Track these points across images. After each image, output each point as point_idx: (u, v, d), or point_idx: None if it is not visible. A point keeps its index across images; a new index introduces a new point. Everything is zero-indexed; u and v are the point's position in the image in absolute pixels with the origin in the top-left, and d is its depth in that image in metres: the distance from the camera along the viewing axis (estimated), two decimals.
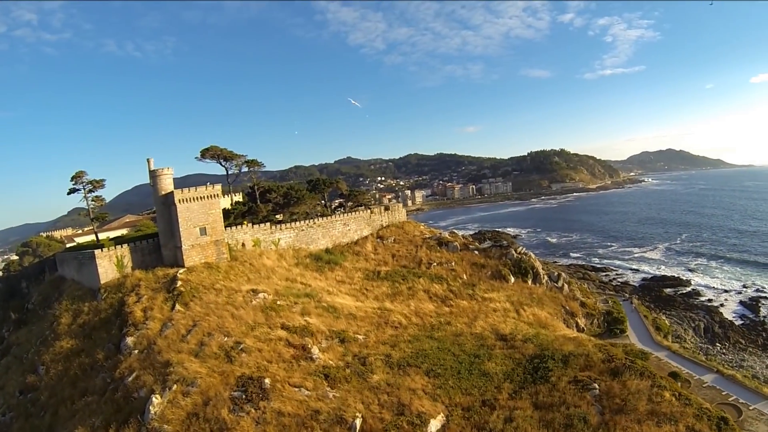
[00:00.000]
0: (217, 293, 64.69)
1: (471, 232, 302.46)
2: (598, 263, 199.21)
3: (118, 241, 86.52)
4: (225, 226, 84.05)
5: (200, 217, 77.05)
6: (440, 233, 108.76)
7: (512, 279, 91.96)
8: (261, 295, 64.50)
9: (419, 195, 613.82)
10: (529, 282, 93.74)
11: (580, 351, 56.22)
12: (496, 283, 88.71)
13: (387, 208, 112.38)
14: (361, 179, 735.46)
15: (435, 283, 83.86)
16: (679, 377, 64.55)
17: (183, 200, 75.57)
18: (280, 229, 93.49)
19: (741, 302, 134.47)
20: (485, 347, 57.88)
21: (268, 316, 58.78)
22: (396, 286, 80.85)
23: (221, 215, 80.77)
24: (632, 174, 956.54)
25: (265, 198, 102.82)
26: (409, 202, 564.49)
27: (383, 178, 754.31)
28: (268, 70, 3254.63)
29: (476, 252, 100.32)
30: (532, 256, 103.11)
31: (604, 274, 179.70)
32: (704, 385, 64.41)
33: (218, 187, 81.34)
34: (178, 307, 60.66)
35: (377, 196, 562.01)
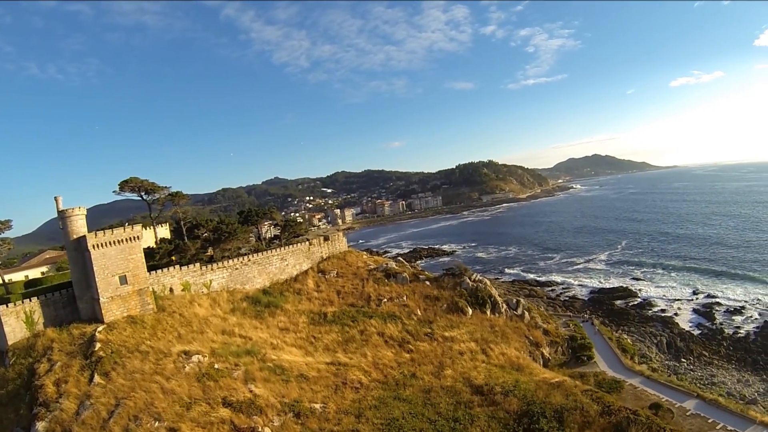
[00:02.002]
0: (143, 358, 55.55)
1: (406, 251, 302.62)
2: (542, 278, 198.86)
3: (28, 289, 75.95)
4: (150, 268, 75.49)
5: (119, 263, 68.26)
6: (386, 263, 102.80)
7: (470, 311, 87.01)
8: (195, 357, 55.89)
9: (349, 213, 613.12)
10: (488, 313, 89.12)
11: (571, 403, 51.40)
12: (454, 318, 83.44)
13: (327, 239, 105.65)
14: (289, 199, 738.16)
15: (389, 323, 77.58)
16: (661, 408, 62.17)
17: (98, 245, 66.46)
18: (212, 269, 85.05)
19: (694, 310, 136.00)
20: (462, 406, 51.99)
21: (205, 388, 50.37)
22: (346, 330, 74.04)
23: (143, 260, 71.59)
24: (560, 181, 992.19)
25: (193, 234, 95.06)
26: (340, 221, 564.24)
27: (311, 198, 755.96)
28: (194, 92, 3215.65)
29: (428, 283, 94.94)
30: (488, 282, 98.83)
31: (549, 289, 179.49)
32: (688, 414, 62.42)
33: (138, 227, 72.43)
34: (97, 378, 51.90)
35: (306, 216, 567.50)
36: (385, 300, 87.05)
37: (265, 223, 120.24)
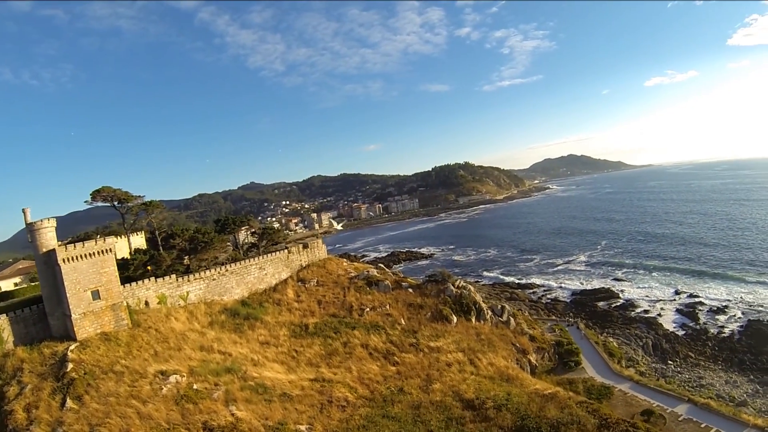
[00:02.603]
0: (117, 379, 52.44)
1: (384, 255, 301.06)
2: (522, 280, 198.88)
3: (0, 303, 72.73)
4: (124, 281, 72.71)
5: (91, 277, 65.18)
6: (367, 270, 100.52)
7: (455, 319, 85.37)
8: (172, 378, 53.08)
9: (326, 217, 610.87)
10: (473, 320, 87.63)
11: (567, 416, 49.86)
12: (438, 326, 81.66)
13: (306, 246, 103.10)
14: (265, 204, 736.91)
15: (372, 334, 75.38)
16: (653, 414, 61.68)
17: (69, 259, 63.42)
18: (189, 280, 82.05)
19: (678, 310, 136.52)
20: (454, 422, 50.14)
21: (184, 411, 47.64)
22: (329, 343, 71.63)
23: (116, 273, 68.46)
24: (536, 182, 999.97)
25: (168, 244, 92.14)
26: (316, 225, 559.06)
27: (288, 202, 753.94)
28: (169, 97, 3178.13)
29: (410, 290, 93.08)
30: (472, 289, 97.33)
31: (531, 291, 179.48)
32: (680, 419, 61.87)
33: (110, 240, 69.51)
34: (69, 402, 48.84)
35: (283, 221, 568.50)
36: (368, 309, 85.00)
37: (243, 230, 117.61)
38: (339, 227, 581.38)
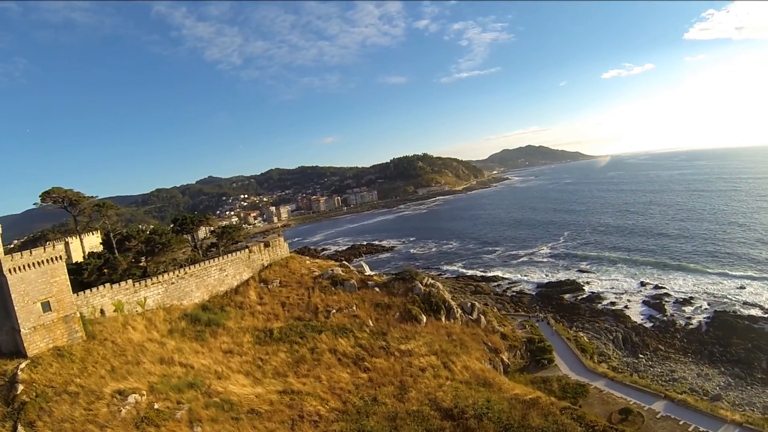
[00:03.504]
0: (72, 401, 47.35)
1: (344, 248, 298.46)
2: (486, 273, 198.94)
3: None
4: (78, 288, 67.46)
5: (41, 288, 59.44)
6: (332, 269, 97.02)
7: (424, 319, 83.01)
8: (131, 397, 48.54)
9: (284, 210, 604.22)
10: (443, 319, 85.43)
11: (552, 425, 48.02)
12: (408, 327, 79.11)
13: (267, 245, 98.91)
14: (224, 198, 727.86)
15: (340, 337, 72.23)
16: (631, 412, 61.30)
17: (15, 269, 57.56)
18: (146, 285, 76.84)
19: (644, 302, 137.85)
20: None
21: None
22: (296, 349, 68.10)
23: (68, 282, 63.03)
24: (495, 172, 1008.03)
25: (124, 246, 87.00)
26: (275, 219, 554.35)
27: (246, 196, 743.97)
28: (125, 91, 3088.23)
29: (377, 289, 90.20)
30: (440, 286, 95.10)
31: (495, 284, 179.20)
32: (658, 416, 61.13)
33: (60, 247, 63.84)
34: (21, 430, 44.05)
35: (242, 215, 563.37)
36: (334, 311, 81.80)
37: (202, 228, 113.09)
38: (284, 217, 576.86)
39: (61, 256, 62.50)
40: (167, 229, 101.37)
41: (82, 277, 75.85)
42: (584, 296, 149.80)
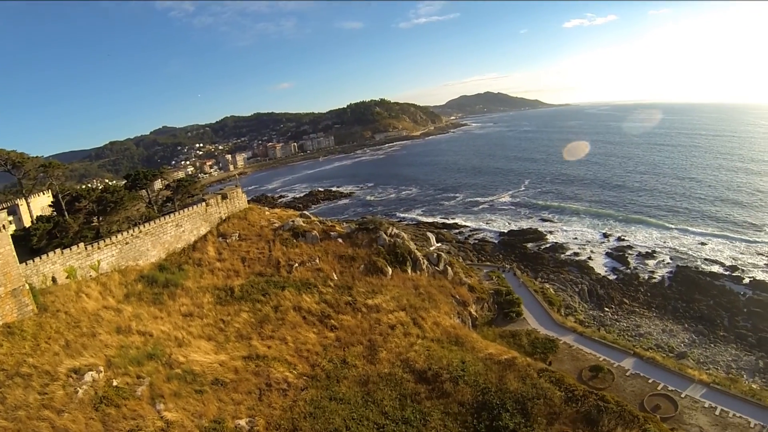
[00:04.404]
0: (26, 384, 41.99)
1: (301, 194, 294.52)
2: (447, 220, 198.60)
3: None
4: (28, 255, 61.61)
5: None
6: (292, 220, 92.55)
7: (390, 271, 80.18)
8: (88, 375, 43.76)
9: (240, 158, 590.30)
10: (409, 271, 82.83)
11: (530, 389, 46.12)
12: (374, 280, 76.20)
13: (225, 197, 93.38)
14: (179, 148, 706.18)
15: (304, 293, 68.83)
16: (601, 370, 61.59)
17: None
18: (99, 247, 70.67)
19: (607, 254, 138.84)
20: (409, 400, 45.01)
21: (105, 418, 38.85)
22: (258, 308, 64.24)
23: (14, 253, 56.55)
24: (453, 118, 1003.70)
25: (74, 207, 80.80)
26: (231, 167, 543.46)
27: (201, 145, 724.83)
28: (73, 42, 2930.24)
29: (340, 240, 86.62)
30: (405, 236, 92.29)
31: (457, 231, 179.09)
32: (628, 374, 61.25)
33: (2, 215, 57.94)
34: None
35: (197, 164, 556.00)
36: (296, 265, 77.90)
37: (158, 182, 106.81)
38: (240, 165, 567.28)
39: (4, 226, 56.41)
40: (119, 186, 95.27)
41: (31, 243, 70.17)
42: (547, 246, 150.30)
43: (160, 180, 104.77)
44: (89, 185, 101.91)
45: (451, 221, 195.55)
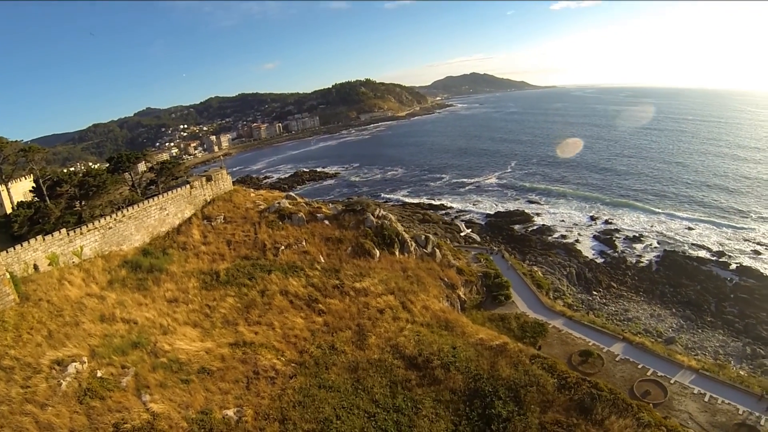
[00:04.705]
0: (8, 378, 40.00)
1: (286, 175, 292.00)
2: (434, 201, 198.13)
3: None
4: (9, 242, 60.25)
5: None
6: (278, 201, 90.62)
7: (378, 253, 78.94)
8: (71, 367, 42.00)
9: (225, 139, 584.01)
10: (397, 253, 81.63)
11: (523, 376, 45.22)
12: (361, 263, 74.89)
13: (210, 179, 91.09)
14: (163, 129, 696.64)
15: (291, 277, 67.26)
16: (591, 355, 61.22)
17: None
18: (81, 233, 68.34)
19: (595, 237, 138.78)
20: (399, 387, 43.89)
21: (90, 411, 37.29)
22: (245, 293, 62.65)
23: None
24: (438, 99, 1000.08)
25: (55, 192, 78.53)
26: (216, 148, 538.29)
27: (186, 126, 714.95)
28: (57, 24, 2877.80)
29: (326, 222, 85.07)
30: (393, 218, 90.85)
31: (443, 212, 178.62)
32: (617, 359, 61.13)
33: None
34: None
35: (182, 145, 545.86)
36: (282, 247, 76.35)
37: (142, 164, 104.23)
38: (225, 146, 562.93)
39: None
40: (102, 169, 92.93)
41: (12, 230, 68.47)
42: (535, 228, 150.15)
43: (143, 162, 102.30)
44: (71, 169, 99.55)
45: (437, 202, 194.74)
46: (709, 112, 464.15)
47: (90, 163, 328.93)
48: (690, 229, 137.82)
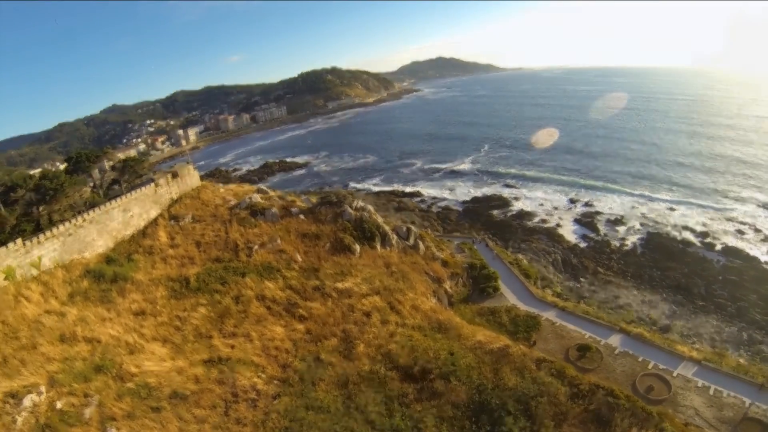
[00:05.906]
0: None
1: (256, 167, 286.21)
2: (408, 188, 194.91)
3: None
4: None
5: None
6: (249, 197, 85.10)
7: (358, 248, 74.49)
8: (27, 399, 36.47)
9: (192, 132, 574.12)
10: (378, 247, 77.39)
11: (530, 385, 41.23)
12: (342, 260, 70.43)
13: (176, 175, 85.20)
14: (129, 125, 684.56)
15: (267, 279, 62.22)
16: (589, 349, 58.00)
17: None
18: (39, 241, 61.76)
19: (576, 221, 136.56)
20: (396, 403, 39.50)
21: None
22: (218, 300, 57.37)
23: None
24: (405, 84, 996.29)
25: (10, 198, 72.26)
26: (183, 142, 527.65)
27: (153, 121, 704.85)
28: (18, 23, 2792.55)
29: (302, 216, 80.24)
30: (371, 209, 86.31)
31: (419, 199, 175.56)
32: (616, 352, 57.97)
33: None
34: None
35: (149, 141, 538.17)
36: (256, 247, 70.96)
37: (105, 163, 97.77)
38: (192, 139, 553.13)
39: None
40: (59, 171, 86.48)
41: None
42: (514, 213, 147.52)
43: (105, 161, 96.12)
44: (32, 172, 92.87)
45: (411, 189, 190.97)
46: (678, 90, 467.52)
47: (58, 163, 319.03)
48: (671, 209, 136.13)
